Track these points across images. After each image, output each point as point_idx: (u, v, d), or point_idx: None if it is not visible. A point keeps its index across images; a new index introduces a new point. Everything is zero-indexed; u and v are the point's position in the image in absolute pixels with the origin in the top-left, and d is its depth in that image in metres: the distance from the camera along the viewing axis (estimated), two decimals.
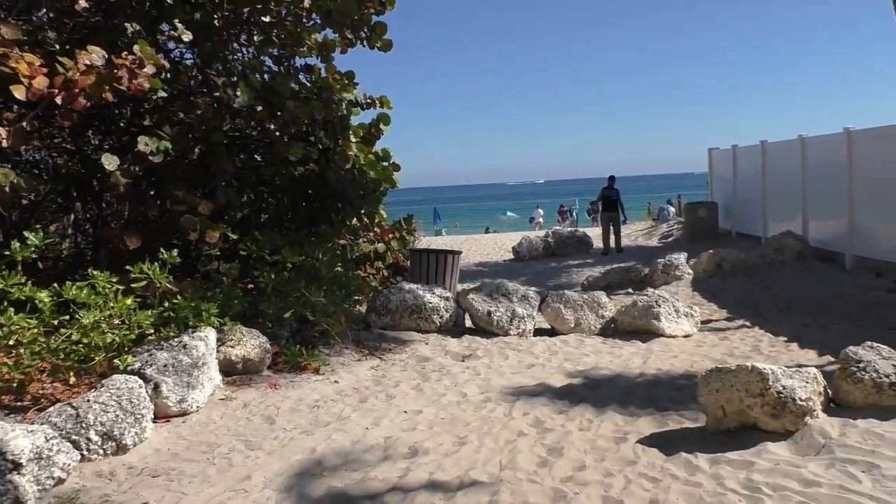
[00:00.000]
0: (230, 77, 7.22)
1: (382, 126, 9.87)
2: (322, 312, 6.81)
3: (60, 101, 5.39)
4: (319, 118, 7.95)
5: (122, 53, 5.75)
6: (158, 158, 6.56)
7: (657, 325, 7.55)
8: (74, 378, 5.04)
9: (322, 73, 9.05)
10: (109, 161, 6.29)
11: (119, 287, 5.39)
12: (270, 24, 8.53)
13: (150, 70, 5.77)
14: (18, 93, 5.15)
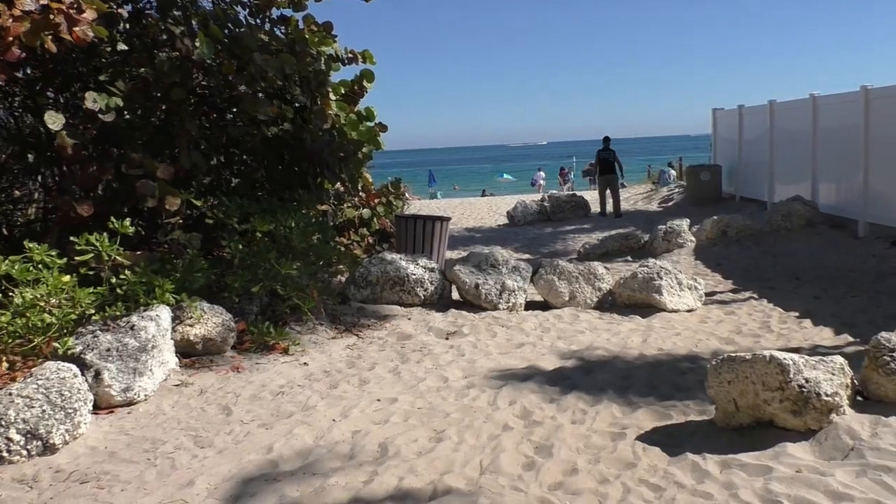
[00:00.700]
0: (189, 26, 6.50)
1: (366, 83, 9.16)
2: (294, 286, 6.25)
3: None
4: (293, 73, 7.26)
5: None
6: (109, 117, 5.92)
7: (658, 299, 6.99)
8: (7, 364, 4.50)
9: (300, 26, 8.31)
10: (53, 119, 5.66)
11: (58, 262, 4.82)
12: None
13: (91, 15, 5.09)
14: None
